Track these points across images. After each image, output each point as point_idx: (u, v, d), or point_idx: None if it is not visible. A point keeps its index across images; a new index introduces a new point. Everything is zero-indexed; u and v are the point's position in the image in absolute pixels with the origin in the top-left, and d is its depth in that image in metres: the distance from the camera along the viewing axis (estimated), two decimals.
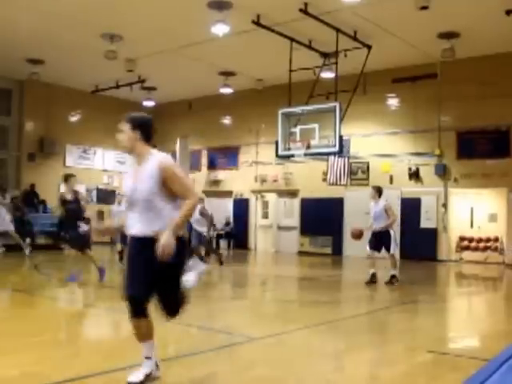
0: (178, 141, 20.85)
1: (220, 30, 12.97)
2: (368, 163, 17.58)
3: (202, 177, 21.54)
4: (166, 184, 3.73)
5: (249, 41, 14.47)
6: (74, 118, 20.91)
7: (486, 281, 13.02)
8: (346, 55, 14.37)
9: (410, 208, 16.49)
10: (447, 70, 15.85)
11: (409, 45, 14.72)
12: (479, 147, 15.61)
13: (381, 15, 12.83)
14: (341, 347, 5.39)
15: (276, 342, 5.38)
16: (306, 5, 12.27)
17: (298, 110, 14.28)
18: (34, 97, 19.68)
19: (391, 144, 17.16)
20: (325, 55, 14.93)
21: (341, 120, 13.46)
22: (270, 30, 13.33)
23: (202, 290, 9.97)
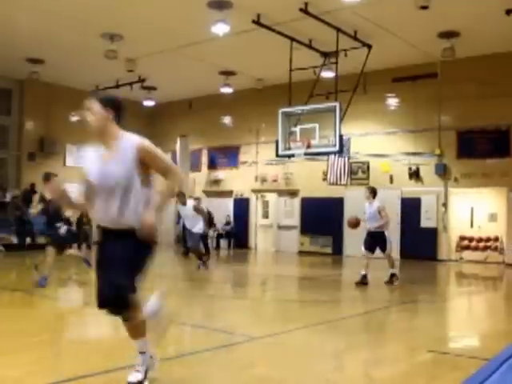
0: (178, 140, 20.87)
1: (220, 29, 12.96)
2: (368, 163, 17.57)
3: (202, 176, 21.55)
4: (143, 166, 3.46)
5: (249, 40, 14.46)
6: (74, 118, 20.89)
7: (486, 280, 13.01)
8: (346, 55, 14.38)
9: (410, 208, 16.48)
10: (447, 69, 15.84)
11: (409, 44, 14.72)
12: (479, 147, 15.61)
13: (381, 15, 12.83)
14: (341, 347, 5.40)
15: (276, 342, 5.38)
16: (306, 4, 12.26)
17: (298, 109, 14.28)
18: (34, 96, 19.67)
19: (391, 144, 17.15)
20: (325, 55, 14.92)
21: (341, 120, 13.45)
22: (270, 29, 13.33)
23: (202, 289, 10.00)
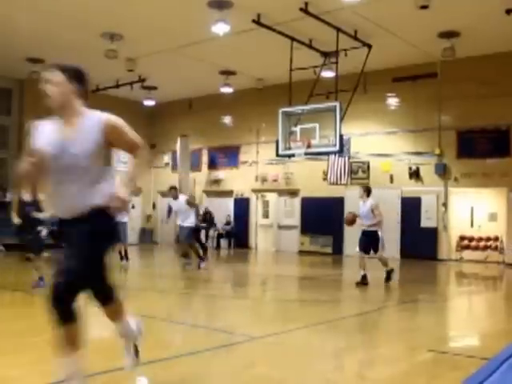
0: (179, 140, 20.86)
1: (220, 29, 12.96)
2: (368, 162, 17.56)
3: (202, 176, 21.56)
4: (108, 144, 3.17)
5: (249, 40, 14.46)
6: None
7: (486, 280, 13.01)
8: (346, 54, 14.39)
9: (411, 207, 16.48)
10: (447, 69, 15.83)
11: (409, 44, 14.71)
12: (479, 146, 15.61)
13: (381, 14, 12.84)
14: (341, 346, 5.40)
15: (276, 342, 5.38)
16: (306, 4, 12.26)
17: (298, 109, 14.28)
18: (34, 96, 19.37)
19: (391, 143, 17.15)
20: (325, 54, 14.92)
21: (341, 119, 13.46)
22: (270, 29, 13.33)
23: (203, 289, 10.00)
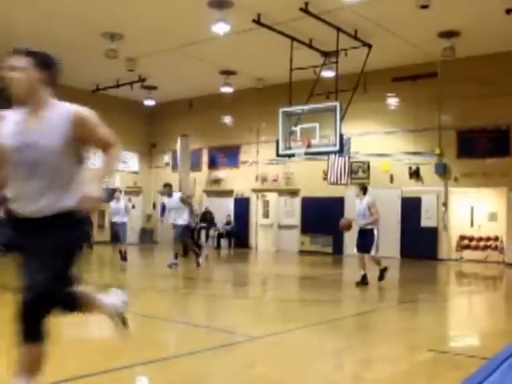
0: (179, 140, 20.85)
1: (220, 29, 12.96)
2: (368, 162, 17.56)
3: (202, 176, 21.56)
4: (78, 139, 2.94)
5: (249, 40, 14.46)
6: None
7: (486, 280, 13.02)
8: (346, 54, 14.40)
9: (411, 207, 16.48)
10: (447, 68, 15.83)
11: (409, 44, 14.71)
12: (479, 146, 15.61)
13: (381, 14, 12.83)
14: (341, 346, 5.40)
15: (276, 341, 5.38)
16: (306, 4, 12.26)
17: (298, 109, 14.28)
18: None
19: (391, 143, 17.15)
20: (325, 54, 14.93)
21: (341, 119, 13.45)
22: (270, 29, 13.33)
23: (203, 288, 10.01)
